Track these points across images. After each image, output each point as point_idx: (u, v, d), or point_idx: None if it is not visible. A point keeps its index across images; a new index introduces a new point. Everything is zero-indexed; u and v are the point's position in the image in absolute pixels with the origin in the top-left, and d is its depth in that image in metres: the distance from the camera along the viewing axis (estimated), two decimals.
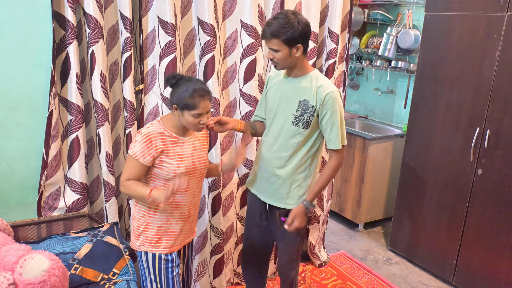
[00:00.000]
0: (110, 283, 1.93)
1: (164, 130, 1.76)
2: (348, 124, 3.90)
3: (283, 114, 1.97)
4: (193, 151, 1.83)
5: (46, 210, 2.08)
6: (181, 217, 1.86)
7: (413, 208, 3.17)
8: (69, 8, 1.91)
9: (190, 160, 1.81)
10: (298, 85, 1.95)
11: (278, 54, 1.84)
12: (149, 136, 1.73)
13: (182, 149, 1.79)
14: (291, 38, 1.80)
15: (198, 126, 1.74)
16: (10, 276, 1.62)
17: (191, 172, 1.82)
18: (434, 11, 2.89)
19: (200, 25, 2.24)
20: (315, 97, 1.91)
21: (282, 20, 1.80)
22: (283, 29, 1.79)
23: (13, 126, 2.00)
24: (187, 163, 1.79)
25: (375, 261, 3.28)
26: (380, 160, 3.62)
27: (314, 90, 1.91)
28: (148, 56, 2.18)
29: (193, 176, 1.84)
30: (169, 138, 1.77)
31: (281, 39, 1.80)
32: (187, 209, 1.87)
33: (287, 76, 1.99)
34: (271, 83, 2.06)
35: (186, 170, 1.79)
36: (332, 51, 2.72)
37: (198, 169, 1.85)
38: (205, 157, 1.91)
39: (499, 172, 2.59)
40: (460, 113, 2.78)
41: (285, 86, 1.98)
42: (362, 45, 4.04)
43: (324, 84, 1.91)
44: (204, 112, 1.71)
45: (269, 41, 1.83)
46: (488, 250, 2.69)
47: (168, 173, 1.76)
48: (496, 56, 2.55)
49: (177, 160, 1.76)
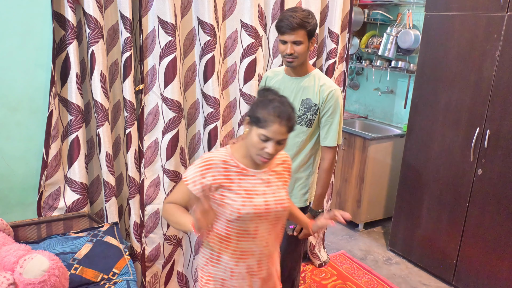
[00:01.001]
0: (110, 283, 1.92)
1: (230, 159, 1.45)
2: (348, 124, 3.91)
3: None
4: (266, 187, 1.48)
5: (46, 210, 2.08)
6: (249, 271, 1.50)
7: (413, 208, 3.17)
8: (69, 8, 1.91)
9: (262, 199, 1.45)
10: (300, 84, 1.95)
11: (300, 47, 1.84)
12: (208, 162, 1.43)
13: (251, 184, 1.46)
14: (313, 29, 1.84)
15: (260, 154, 1.39)
16: (10, 276, 1.62)
17: (263, 214, 1.46)
18: (434, 11, 2.89)
19: (200, 25, 2.24)
20: (318, 96, 1.92)
21: (303, 12, 1.82)
22: (309, 19, 1.82)
23: (13, 126, 2.00)
24: (257, 202, 1.44)
25: (375, 261, 3.28)
26: (380, 160, 3.62)
27: (317, 89, 1.92)
28: (148, 56, 2.18)
29: (266, 219, 1.47)
30: (235, 169, 1.45)
31: (306, 30, 1.81)
32: (256, 261, 1.50)
33: (289, 75, 1.99)
34: (270, 83, 2.06)
35: (255, 211, 1.43)
36: (332, 51, 2.72)
37: (272, 211, 1.47)
38: (284, 197, 1.52)
39: (499, 172, 2.58)
40: (460, 113, 2.78)
41: (287, 85, 1.98)
42: (362, 45, 4.04)
43: (327, 82, 1.94)
44: (274, 138, 1.35)
45: (295, 33, 1.80)
46: (488, 250, 2.69)
47: (231, 213, 1.42)
48: (496, 56, 2.54)
49: (243, 197, 1.42)
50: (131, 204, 2.27)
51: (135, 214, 2.28)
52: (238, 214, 1.41)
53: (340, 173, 3.78)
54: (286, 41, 1.83)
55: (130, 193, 2.26)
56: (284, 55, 1.87)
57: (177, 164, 2.34)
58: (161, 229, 2.37)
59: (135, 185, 2.25)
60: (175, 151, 2.30)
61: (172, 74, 2.19)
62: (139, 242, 2.33)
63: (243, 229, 1.45)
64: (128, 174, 2.23)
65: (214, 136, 2.37)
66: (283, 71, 2.02)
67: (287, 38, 1.82)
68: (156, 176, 2.31)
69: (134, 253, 2.33)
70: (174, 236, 2.45)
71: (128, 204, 2.33)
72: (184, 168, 2.38)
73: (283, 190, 1.53)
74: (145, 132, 2.25)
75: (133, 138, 2.19)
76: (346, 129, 3.68)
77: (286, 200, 1.52)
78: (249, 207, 1.42)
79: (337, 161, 3.15)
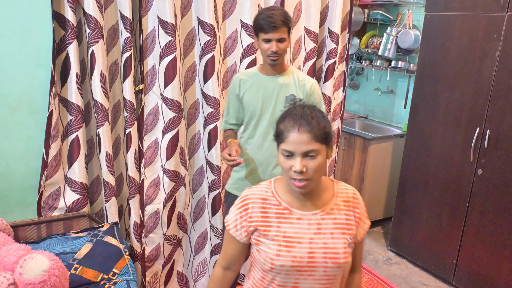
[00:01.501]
0: (110, 283, 1.92)
1: (271, 196, 1.21)
2: (348, 124, 3.91)
3: (270, 112, 1.99)
4: (315, 234, 1.17)
5: (46, 210, 2.08)
6: None
7: (413, 208, 3.16)
8: (69, 8, 1.91)
9: (305, 249, 1.15)
10: (281, 82, 1.99)
11: (284, 44, 1.89)
12: (245, 201, 1.21)
13: (294, 228, 1.17)
14: (291, 27, 1.90)
15: (291, 176, 1.13)
16: (10, 276, 1.62)
17: (305, 269, 1.16)
18: (434, 11, 2.89)
19: (200, 25, 2.24)
20: (300, 90, 1.98)
21: (280, 10, 1.89)
22: (288, 16, 1.88)
23: (13, 126, 2.00)
24: (297, 252, 1.15)
25: (375, 261, 3.28)
26: (380, 160, 3.62)
27: (298, 84, 1.99)
28: (148, 56, 2.18)
29: (309, 275, 1.16)
30: (275, 208, 1.19)
31: (288, 27, 1.87)
32: None
33: (267, 75, 2.01)
34: (246, 85, 2.03)
35: (293, 264, 1.15)
36: (332, 51, 2.72)
37: (319, 266, 1.16)
38: (340, 249, 1.18)
39: (499, 172, 2.58)
40: (460, 113, 2.78)
41: (267, 84, 2.00)
42: (362, 45, 4.04)
43: (306, 77, 2.04)
44: (296, 150, 1.10)
45: (280, 30, 1.84)
46: (488, 250, 2.69)
47: (265, 261, 1.17)
48: (496, 56, 2.54)
49: (279, 245, 1.15)
50: (131, 204, 2.27)
51: (135, 214, 2.28)
52: (271, 265, 1.15)
53: (340, 173, 3.78)
54: (271, 39, 1.86)
55: (130, 193, 2.26)
56: (268, 54, 1.89)
57: (177, 164, 2.34)
58: (161, 229, 2.37)
59: (135, 185, 2.25)
60: (175, 151, 2.30)
61: (172, 74, 2.19)
62: (139, 242, 2.33)
63: (280, 284, 1.19)
64: (128, 174, 2.23)
65: (214, 136, 2.37)
66: (257, 71, 2.04)
67: (272, 36, 1.85)
68: (156, 176, 2.31)
69: (134, 253, 2.32)
70: (174, 236, 2.45)
71: (128, 204, 2.33)
72: (184, 168, 2.38)
73: (340, 241, 1.18)
74: (145, 132, 2.25)
75: (133, 138, 2.19)
76: (346, 129, 3.68)
77: (341, 255, 1.17)
78: (286, 258, 1.14)
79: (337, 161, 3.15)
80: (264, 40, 1.87)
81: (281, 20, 1.83)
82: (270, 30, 1.84)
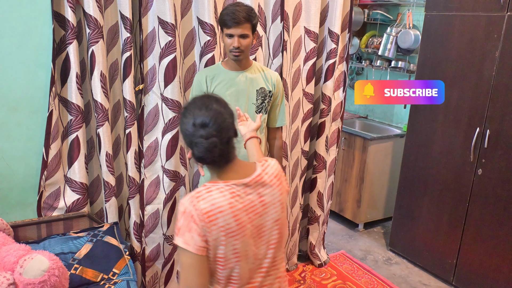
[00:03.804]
0: (110, 283, 1.93)
1: None
2: (348, 124, 3.91)
3: (243, 107, 2.04)
4: None
5: (46, 210, 2.08)
6: None
7: (413, 208, 3.17)
8: (69, 8, 1.91)
9: None
10: (249, 76, 2.04)
11: (246, 41, 1.92)
12: None
13: None
14: (256, 23, 1.94)
15: None
16: (10, 276, 1.62)
17: None
18: (434, 11, 2.89)
19: (200, 25, 2.24)
20: (268, 83, 2.06)
21: (245, 6, 1.91)
22: (252, 13, 1.90)
23: (13, 126, 2.00)
24: None
25: (375, 261, 3.28)
26: (380, 160, 3.62)
27: (264, 77, 2.07)
28: (148, 56, 2.18)
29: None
30: None
31: (251, 24, 1.90)
32: None
33: (234, 70, 2.04)
34: (214, 83, 2.04)
35: None
36: (332, 51, 2.72)
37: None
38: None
39: (499, 172, 2.58)
40: (460, 113, 2.78)
41: (237, 80, 2.04)
42: (362, 45, 4.04)
43: (269, 70, 2.14)
44: None
45: (242, 26, 1.87)
46: (488, 250, 2.69)
47: None
48: (496, 56, 2.54)
49: None
50: (131, 204, 2.27)
51: (135, 214, 2.28)
52: None
53: (340, 173, 3.78)
54: (233, 35, 1.89)
55: (130, 193, 2.26)
56: (231, 49, 1.92)
57: (177, 164, 2.33)
58: (161, 229, 2.37)
59: (135, 185, 2.25)
60: (175, 151, 2.30)
61: (172, 74, 2.19)
62: (139, 242, 2.33)
63: None
64: (128, 174, 2.23)
65: None
66: (221, 68, 2.06)
67: (234, 31, 1.88)
68: (156, 176, 2.31)
69: (134, 253, 2.33)
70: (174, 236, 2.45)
71: (128, 204, 2.33)
72: (184, 168, 2.38)
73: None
74: (145, 132, 2.25)
75: (133, 138, 2.19)
76: (346, 129, 3.68)
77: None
78: None
79: (338, 161, 3.15)
80: (226, 35, 1.91)
81: (244, 16, 1.85)
82: (232, 25, 1.87)
